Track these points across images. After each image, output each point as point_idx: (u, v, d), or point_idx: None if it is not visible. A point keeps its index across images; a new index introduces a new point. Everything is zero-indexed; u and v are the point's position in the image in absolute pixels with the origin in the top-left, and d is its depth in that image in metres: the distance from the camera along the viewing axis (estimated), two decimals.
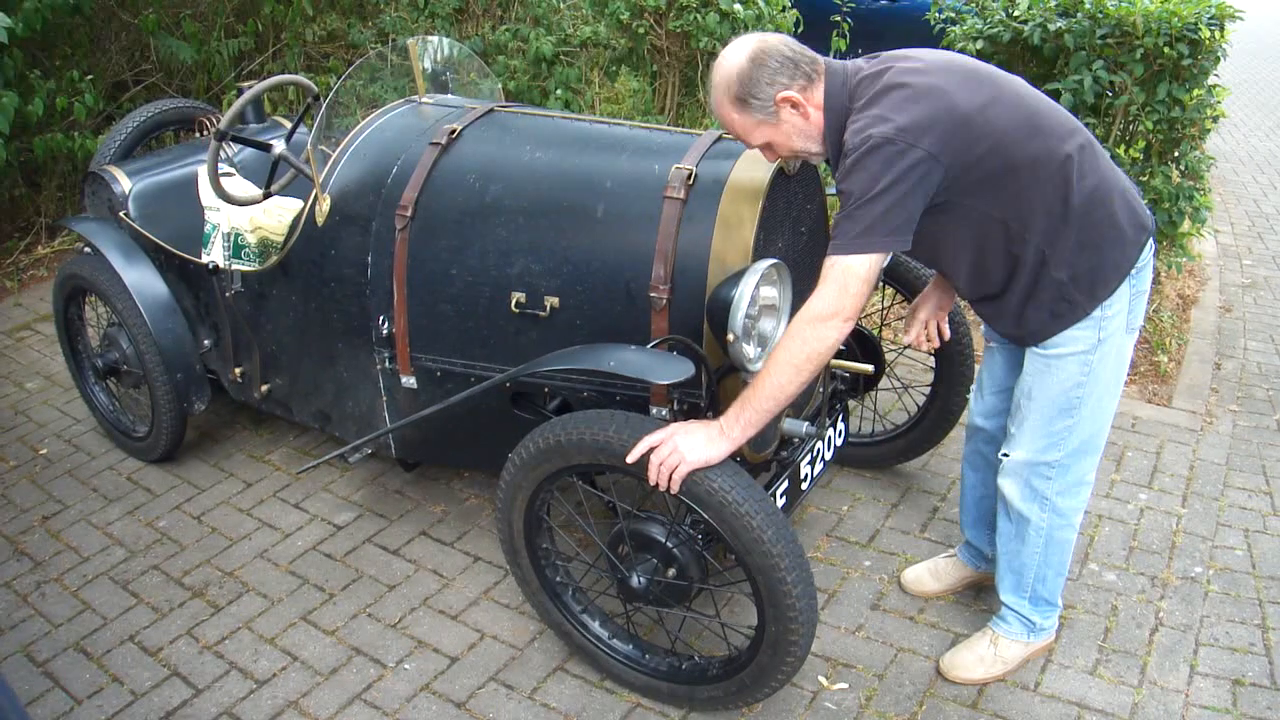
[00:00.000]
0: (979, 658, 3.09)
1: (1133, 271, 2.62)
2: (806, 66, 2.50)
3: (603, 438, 2.56)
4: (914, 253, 2.62)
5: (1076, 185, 2.50)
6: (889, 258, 2.41)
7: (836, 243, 2.40)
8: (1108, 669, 3.10)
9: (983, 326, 3.01)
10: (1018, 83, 2.57)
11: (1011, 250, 2.57)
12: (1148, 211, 2.67)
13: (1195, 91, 4.71)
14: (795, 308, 2.84)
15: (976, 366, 3.69)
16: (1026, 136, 2.46)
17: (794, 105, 2.50)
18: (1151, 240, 2.67)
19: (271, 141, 3.55)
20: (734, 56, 2.49)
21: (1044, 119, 2.51)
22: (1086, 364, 2.67)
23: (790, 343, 2.45)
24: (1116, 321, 2.66)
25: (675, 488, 2.49)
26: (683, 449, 2.47)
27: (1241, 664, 3.12)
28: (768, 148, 2.61)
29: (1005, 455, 2.88)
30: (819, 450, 3.21)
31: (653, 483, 2.50)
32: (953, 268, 2.69)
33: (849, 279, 2.40)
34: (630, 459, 2.50)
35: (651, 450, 2.49)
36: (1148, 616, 3.31)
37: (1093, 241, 2.55)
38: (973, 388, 3.18)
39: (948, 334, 3.26)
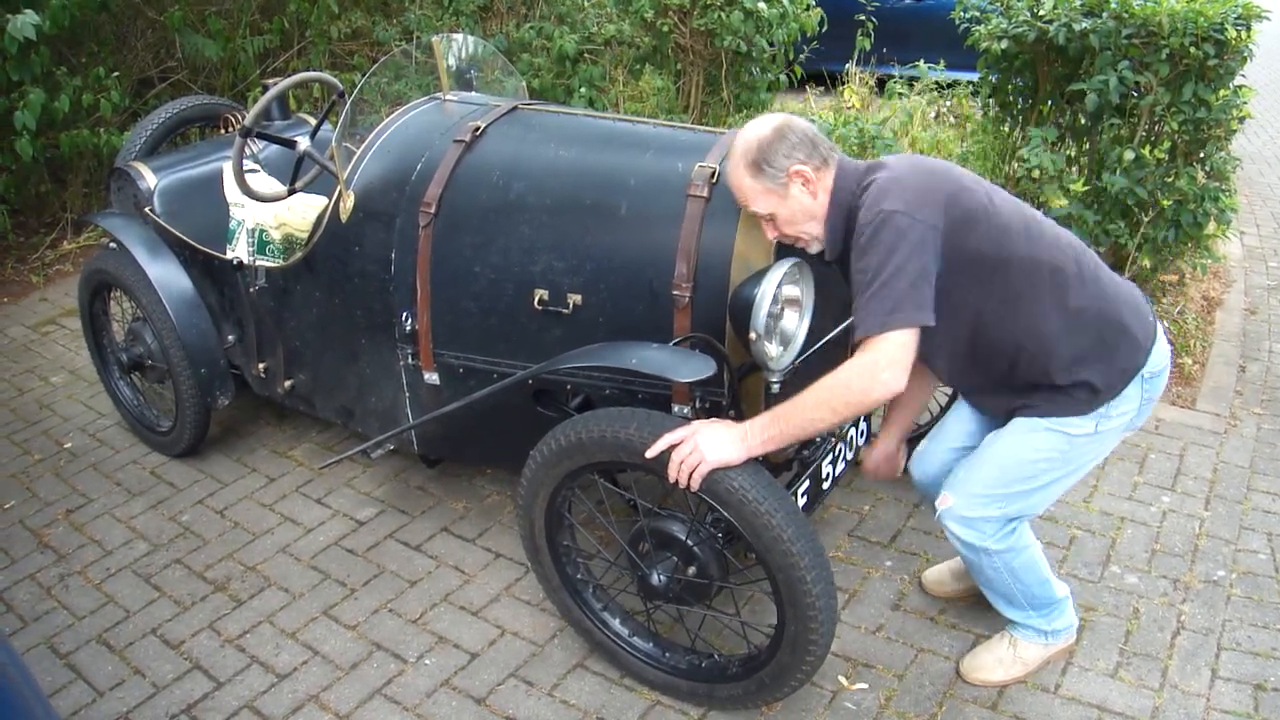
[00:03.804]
0: (998, 659, 3.08)
1: (1145, 374, 2.64)
2: (824, 150, 2.58)
3: (624, 435, 2.56)
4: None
5: (1075, 292, 2.55)
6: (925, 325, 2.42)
7: (869, 321, 2.40)
8: (1129, 672, 3.08)
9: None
10: (1014, 199, 2.64)
11: (1004, 349, 2.60)
12: (1152, 317, 2.70)
13: (1221, 92, 4.68)
14: (817, 306, 2.84)
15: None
16: (1023, 235, 2.53)
17: (805, 181, 2.54)
18: (1162, 344, 2.69)
19: (296, 138, 3.57)
20: (760, 126, 2.58)
21: (1041, 227, 2.59)
22: (1071, 444, 2.68)
23: (834, 384, 2.43)
24: (1120, 420, 2.68)
25: (695, 485, 2.50)
26: (703, 447, 2.47)
27: (1264, 668, 3.09)
28: (770, 221, 2.62)
29: (944, 499, 2.82)
30: (840, 450, 3.20)
31: (672, 479, 2.51)
32: (942, 359, 2.71)
33: (894, 349, 2.39)
34: (650, 454, 2.51)
35: (672, 447, 2.50)
36: (1169, 620, 3.29)
37: (1097, 351, 2.59)
38: (927, 438, 3.10)
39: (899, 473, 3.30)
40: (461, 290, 3.15)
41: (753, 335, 2.56)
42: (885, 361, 2.38)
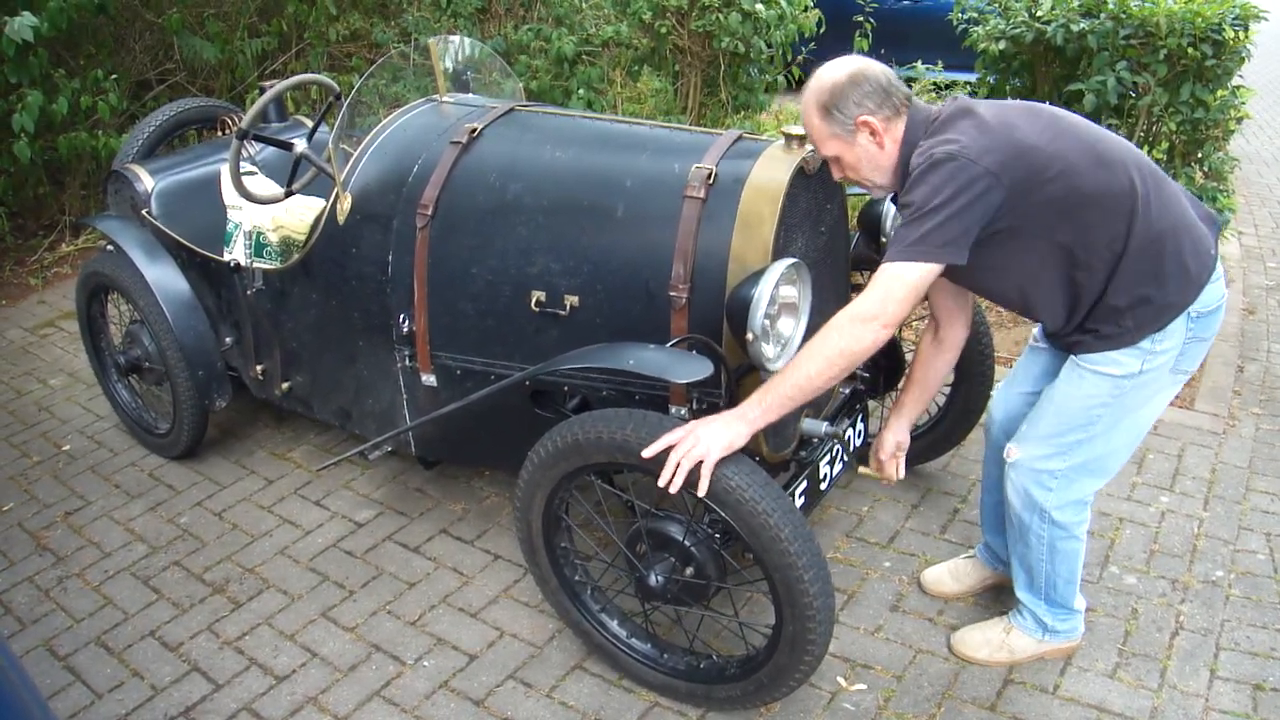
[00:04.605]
0: (986, 640, 3.11)
1: (1193, 313, 2.62)
2: (896, 100, 2.56)
3: (621, 436, 2.56)
4: (979, 282, 2.69)
5: (1142, 216, 2.52)
6: (941, 270, 2.44)
7: (891, 250, 2.44)
8: (1127, 672, 3.08)
9: (1035, 327, 3.04)
10: (1079, 119, 2.61)
11: (1075, 278, 2.59)
12: (1213, 248, 2.66)
13: (1219, 92, 4.68)
14: (814, 307, 2.84)
15: (996, 367, 3.68)
16: (1093, 166, 2.50)
17: (872, 132, 2.55)
18: (1217, 284, 2.66)
19: (293, 140, 3.57)
20: (836, 70, 2.56)
21: (1109, 153, 2.54)
22: (1119, 388, 2.67)
23: (828, 335, 2.47)
24: (1164, 358, 2.65)
25: (705, 479, 2.47)
26: (703, 438, 2.47)
27: (1263, 669, 3.09)
28: (836, 161, 2.65)
29: (1010, 451, 2.88)
30: (838, 450, 3.20)
31: (666, 479, 2.48)
32: (1015, 295, 2.70)
33: (896, 285, 2.42)
34: (647, 454, 2.50)
35: (670, 448, 2.50)
36: (1168, 620, 3.29)
37: (1154, 274, 2.56)
38: (1001, 383, 3.17)
39: (903, 472, 3.24)
40: (459, 292, 3.15)
41: (749, 336, 2.56)
42: (882, 298, 2.42)
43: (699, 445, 2.47)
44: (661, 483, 2.50)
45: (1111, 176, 2.51)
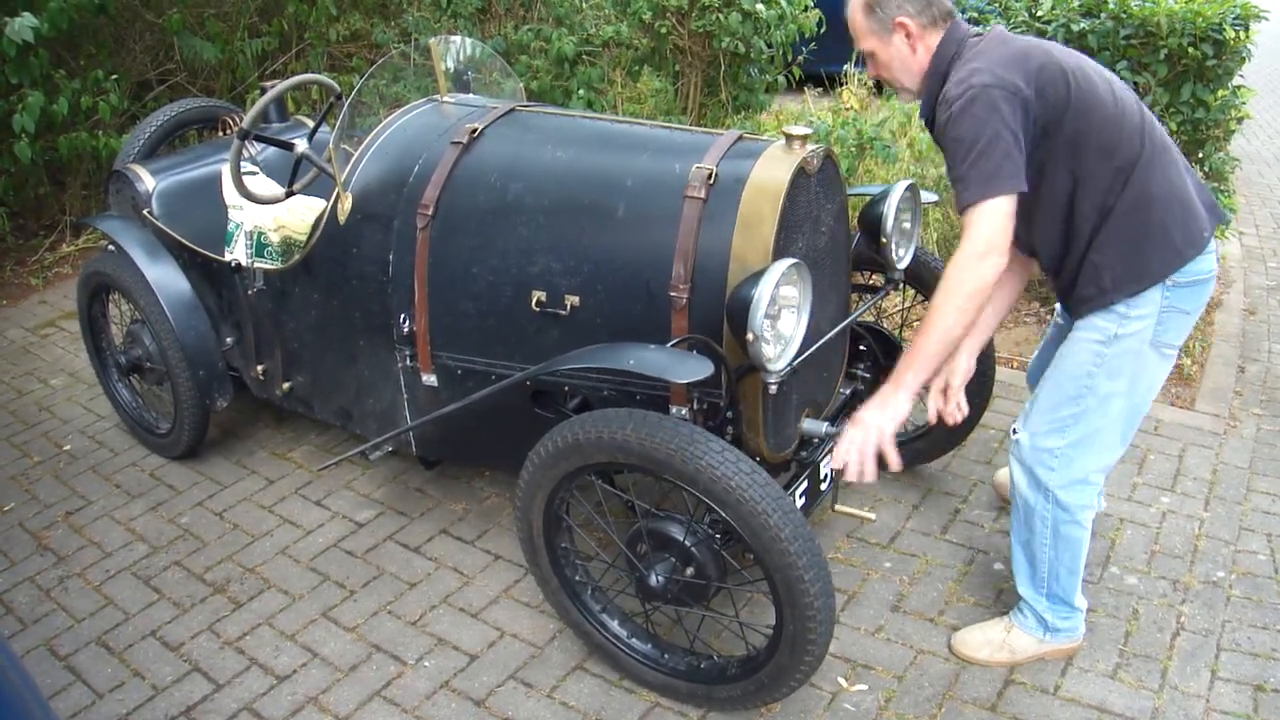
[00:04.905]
0: (987, 640, 3.11)
1: (1169, 283, 2.65)
2: (937, 10, 2.72)
3: (621, 436, 2.56)
4: None
5: (1139, 175, 2.62)
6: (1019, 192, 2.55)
7: (967, 192, 2.54)
8: (1128, 673, 3.08)
9: (1056, 305, 3.19)
10: (1106, 71, 2.75)
11: (1073, 216, 2.71)
12: (1207, 231, 2.71)
13: (1220, 92, 4.68)
14: (815, 308, 2.84)
15: (997, 367, 3.69)
16: (1112, 113, 2.61)
17: (907, 34, 2.72)
18: (1204, 258, 2.70)
19: (294, 140, 3.57)
20: None
21: (1127, 108, 2.65)
22: (1100, 356, 2.75)
23: (953, 285, 2.56)
24: (1138, 325, 2.69)
25: (893, 457, 2.67)
26: (874, 424, 2.65)
27: (1263, 669, 3.09)
28: (871, 57, 2.83)
29: (1015, 431, 2.94)
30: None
31: (856, 475, 2.65)
32: (1023, 218, 2.71)
33: (992, 219, 2.53)
34: (851, 478, 2.64)
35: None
36: (1169, 621, 3.29)
37: (1136, 238, 2.64)
38: (1035, 353, 3.36)
39: (966, 409, 3.26)
40: (459, 292, 3.15)
41: (750, 336, 2.55)
42: (986, 233, 2.53)
43: (873, 432, 2.64)
44: (853, 478, 2.66)
45: (1122, 129, 2.61)
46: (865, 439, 2.64)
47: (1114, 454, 2.91)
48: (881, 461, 2.69)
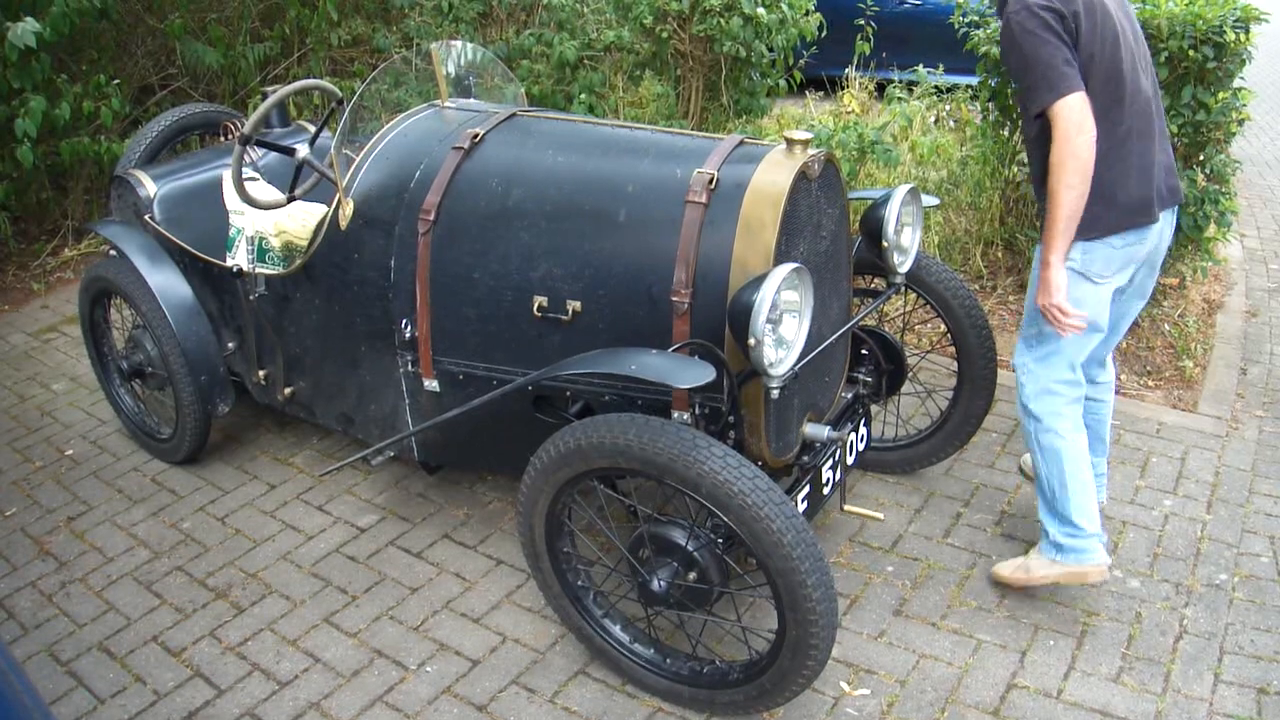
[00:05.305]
0: (1014, 564, 3.39)
1: (1102, 239, 3.05)
2: None
3: (623, 441, 2.56)
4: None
5: (1109, 128, 2.94)
6: (1083, 90, 2.88)
7: (1038, 102, 2.88)
8: (1131, 676, 3.08)
9: None
10: (1136, 38, 3.11)
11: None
12: (1156, 207, 3.07)
13: (1220, 95, 4.67)
14: (817, 312, 2.84)
15: (999, 371, 3.69)
16: (1124, 66, 2.95)
17: None
18: (1148, 230, 3.09)
19: (295, 146, 3.57)
20: None
21: (1137, 70, 3.01)
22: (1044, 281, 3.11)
23: (1057, 173, 2.88)
24: (1070, 260, 3.06)
25: (1070, 318, 3.00)
26: (1049, 305, 3.00)
27: (1266, 672, 3.09)
28: None
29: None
30: (840, 455, 3.20)
31: (1060, 327, 3.02)
32: (1035, 126, 3.04)
33: (1070, 114, 2.84)
34: (1063, 331, 3.03)
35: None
36: (1172, 624, 3.29)
37: (1094, 186, 2.94)
38: None
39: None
40: (461, 297, 3.15)
41: (752, 341, 2.55)
42: (1074, 121, 2.84)
43: (1053, 310, 2.99)
44: (1064, 332, 3.04)
45: (1122, 85, 2.95)
46: (1053, 317, 3.01)
47: (1064, 367, 3.24)
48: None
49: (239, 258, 3.89)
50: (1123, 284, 3.24)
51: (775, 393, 2.72)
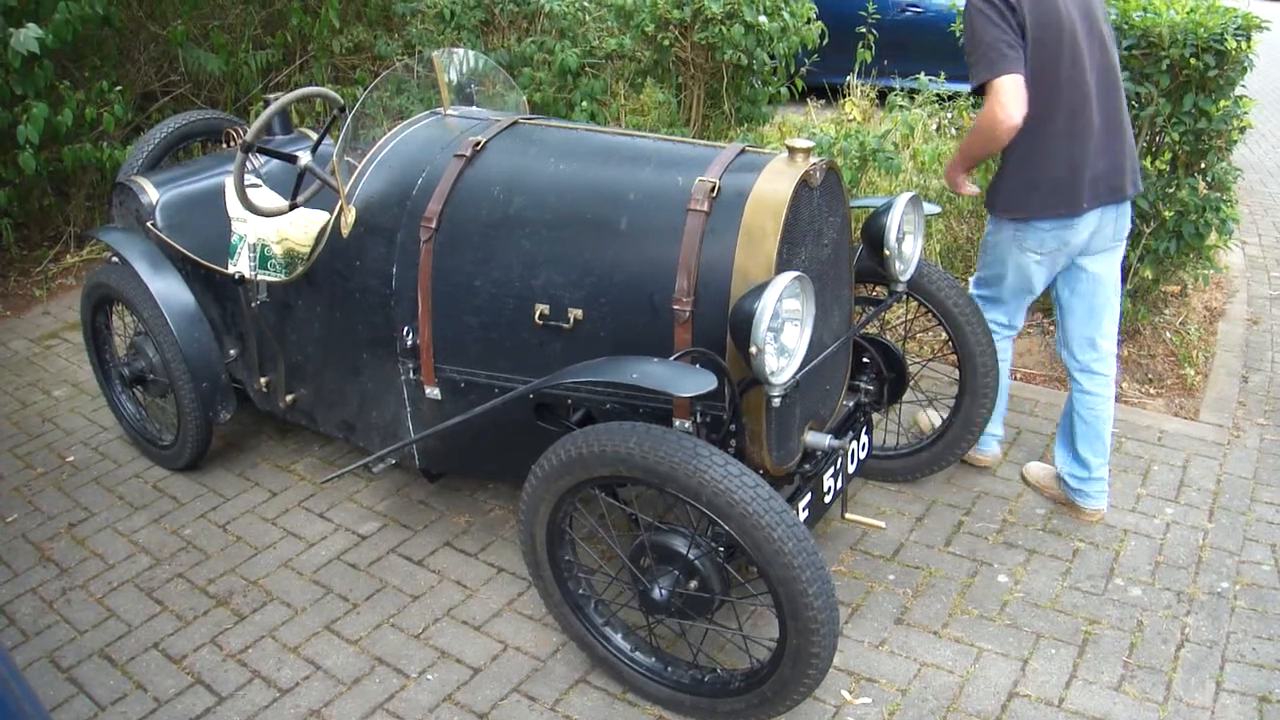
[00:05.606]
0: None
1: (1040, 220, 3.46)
2: None
3: (624, 450, 2.56)
4: None
5: (1042, 123, 3.32)
6: (1019, 75, 3.24)
7: (977, 77, 3.28)
8: (1133, 685, 3.08)
9: None
10: (1104, 44, 3.43)
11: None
12: (1087, 204, 3.41)
13: (1222, 102, 4.68)
14: (818, 320, 2.84)
15: (1001, 380, 3.69)
16: (1068, 63, 3.29)
17: None
18: (1082, 219, 3.45)
19: (297, 153, 3.57)
20: None
21: (1085, 79, 3.33)
22: (987, 242, 3.71)
23: (974, 134, 3.39)
24: (1005, 233, 3.57)
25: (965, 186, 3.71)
26: (951, 182, 3.72)
27: (1269, 681, 3.09)
28: None
29: None
30: (842, 464, 3.20)
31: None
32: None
33: (1000, 91, 3.22)
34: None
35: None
36: (1173, 632, 3.28)
37: (1012, 163, 3.44)
38: None
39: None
40: (463, 305, 3.15)
41: (753, 349, 2.56)
42: (1002, 100, 3.22)
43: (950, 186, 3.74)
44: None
45: (1059, 74, 3.29)
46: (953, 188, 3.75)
47: (1000, 313, 3.81)
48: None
49: (241, 265, 3.89)
50: (1063, 266, 3.61)
51: (777, 401, 2.72)
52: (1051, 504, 3.90)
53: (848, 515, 3.37)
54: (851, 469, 3.31)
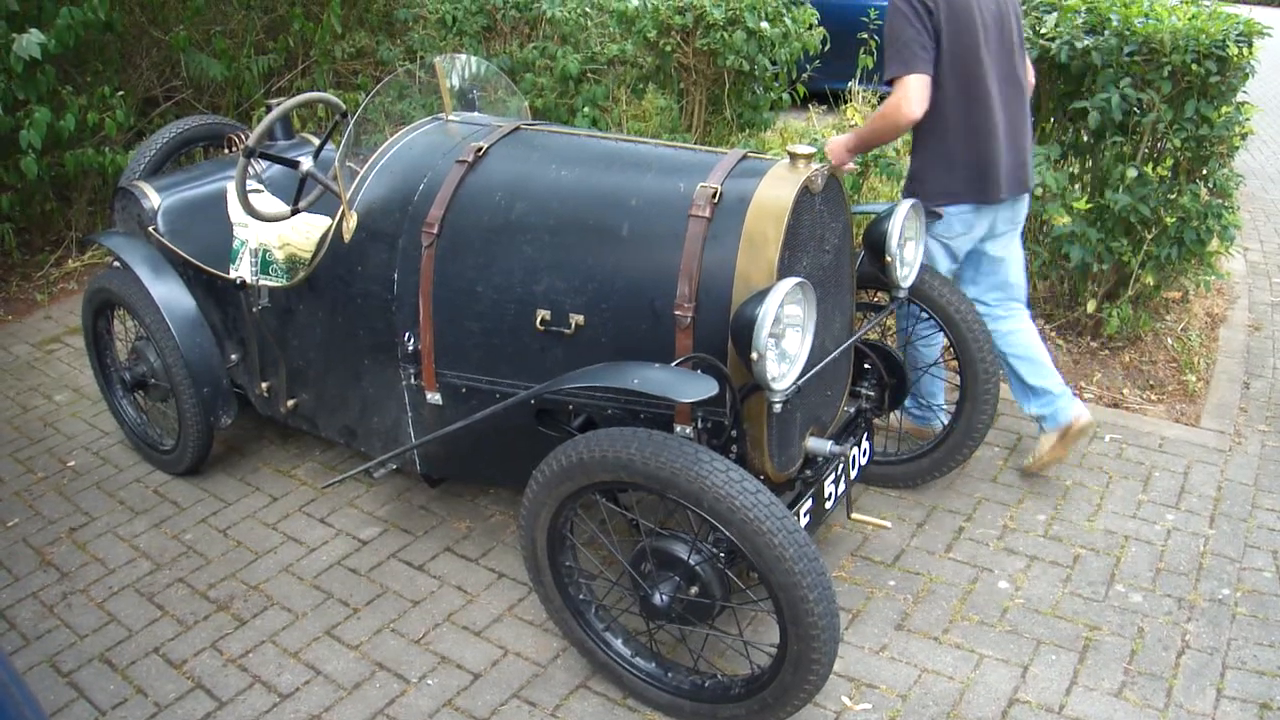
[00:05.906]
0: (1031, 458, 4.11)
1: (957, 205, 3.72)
2: None
3: (625, 455, 2.56)
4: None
5: (958, 119, 3.59)
6: (926, 77, 3.50)
7: (889, 71, 3.52)
8: (1133, 691, 3.07)
9: None
10: (1012, 53, 3.68)
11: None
12: (1004, 194, 3.68)
13: (1223, 109, 4.68)
14: (819, 326, 2.85)
15: (1001, 386, 3.69)
16: (976, 67, 3.55)
17: None
18: (1001, 208, 3.79)
19: (299, 159, 3.58)
20: None
21: (992, 82, 3.60)
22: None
23: (876, 121, 3.63)
24: (942, 221, 3.78)
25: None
26: (833, 155, 3.83)
27: (1269, 688, 3.08)
28: None
29: None
30: (842, 469, 3.20)
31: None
32: None
33: (906, 88, 3.48)
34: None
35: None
36: (1174, 639, 3.28)
37: (922, 150, 3.72)
38: None
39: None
40: (464, 310, 3.15)
41: (754, 355, 2.56)
42: (907, 97, 3.48)
43: (831, 158, 3.83)
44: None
45: (971, 82, 3.55)
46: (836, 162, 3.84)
47: (945, 266, 3.93)
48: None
49: (242, 270, 3.90)
50: (974, 243, 3.85)
51: (778, 407, 2.73)
52: (1053, 508, 3.89)
53: (854, 515, 3.38)
54: (853, 474, 3.30)
